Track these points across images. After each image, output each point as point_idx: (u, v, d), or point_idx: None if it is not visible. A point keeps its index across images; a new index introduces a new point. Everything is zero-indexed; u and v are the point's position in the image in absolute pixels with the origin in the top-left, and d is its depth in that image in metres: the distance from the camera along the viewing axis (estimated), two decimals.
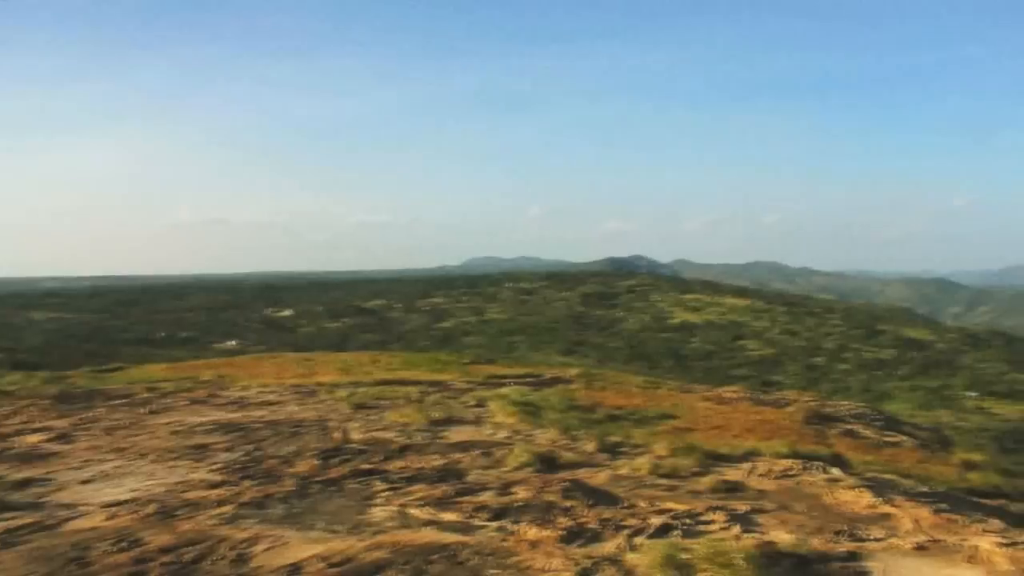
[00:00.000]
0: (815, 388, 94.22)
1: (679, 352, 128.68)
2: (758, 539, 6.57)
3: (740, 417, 17.56)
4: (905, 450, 16.97)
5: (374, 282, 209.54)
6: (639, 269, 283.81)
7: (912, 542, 6.84)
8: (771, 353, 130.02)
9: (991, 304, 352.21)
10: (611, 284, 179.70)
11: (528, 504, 7.71)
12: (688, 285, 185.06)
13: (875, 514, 8.24)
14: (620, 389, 21.96)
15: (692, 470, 9.93)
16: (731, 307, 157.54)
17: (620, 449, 11.58)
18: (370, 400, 16.79)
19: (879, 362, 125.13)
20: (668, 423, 16.23)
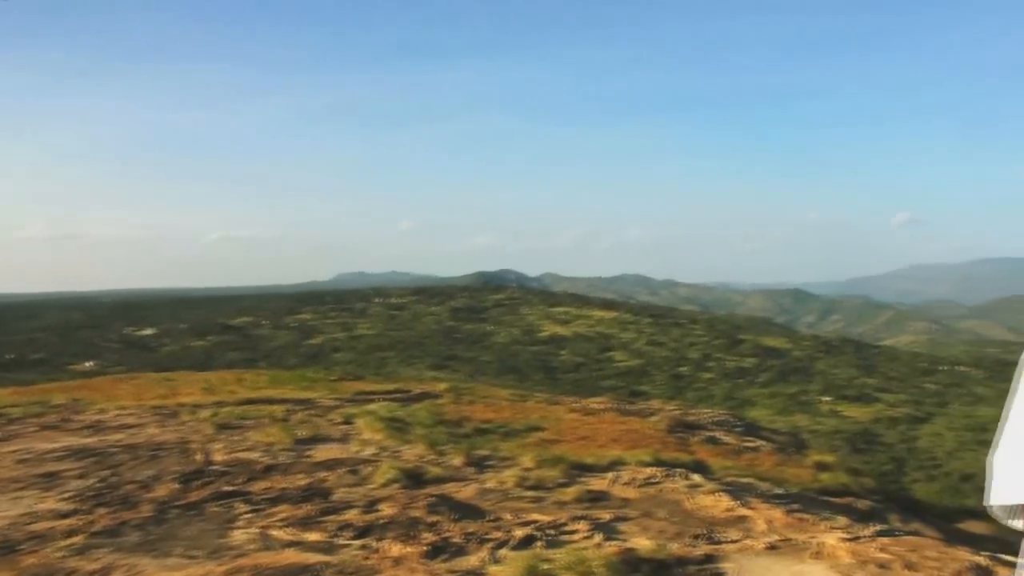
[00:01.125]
0: (681, 397, 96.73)
1: (549, 364, 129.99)
2: (619, 546, 6.71)
3: (606, 428, 17.86)
4: (763, 454, 17.56)
5: (240, 298, 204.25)
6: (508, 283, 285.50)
7: (765, 542, 7.11)
8: (638, 364, 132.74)
9: (841, 313, 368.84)
10: (481, 298, 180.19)
11: (393, 521, 7.67)
12: (557, 298, 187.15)
13: (732, 517, 8.52)
14: (488, 403, 22.02)
15: (558, 481, 10.06)
16: (599, 319, 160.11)
17: (487, 462, 11.63)
18: (234, 420, 16.36)
19: (741, 370, 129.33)
20: (535, 435, 16.36)
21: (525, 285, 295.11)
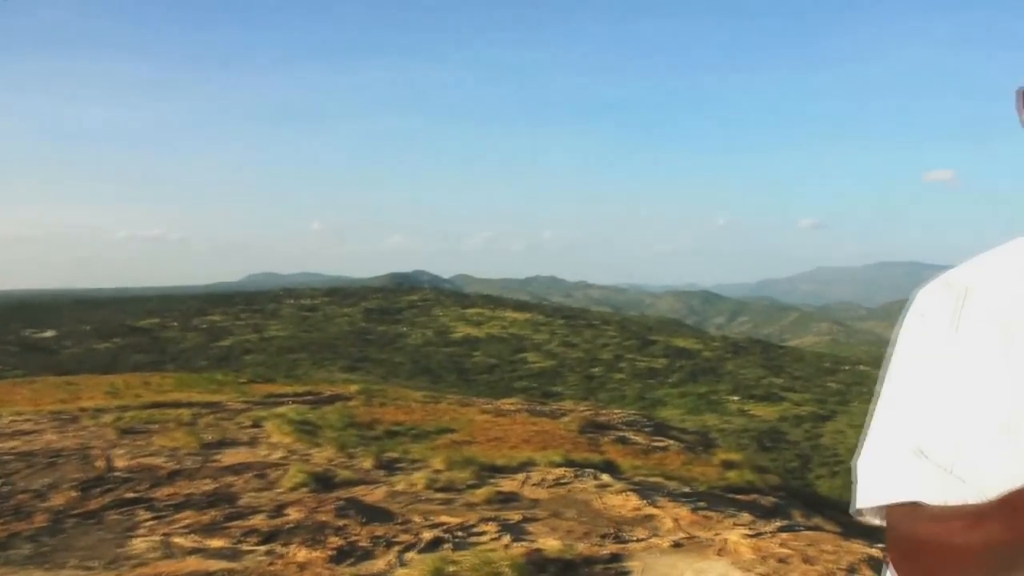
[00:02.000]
0: (594, 397, 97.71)
1: (462, 366, 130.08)
2: (527, 547, 6.75)
3: (518, 429, 17.92)
4: (672, 453, 17.83)
5: (147, 299, 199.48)
6: (422, 284, 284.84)
7: (671, 540, 7.23)
8: (551, 365, 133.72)
9: (749, 315, 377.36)
10: (394, 299, 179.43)
11: (300, 525, 7.57)
12: (470, 300, 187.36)
13: (640, 516, 8.64)
14: (400, 405, 21.90)
15: (468, 483, 10.05)
16: (512, 321, 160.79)
17: (398, 465, 11.57)
18: (139, 425, 15.93)
19: (652, 371, 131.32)
20: (447, 437, 16.34)
21: (438, 286, 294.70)
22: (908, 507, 1.13)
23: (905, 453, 1.14)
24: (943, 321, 1.17)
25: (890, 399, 1.20)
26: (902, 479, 1.14)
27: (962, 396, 1.10)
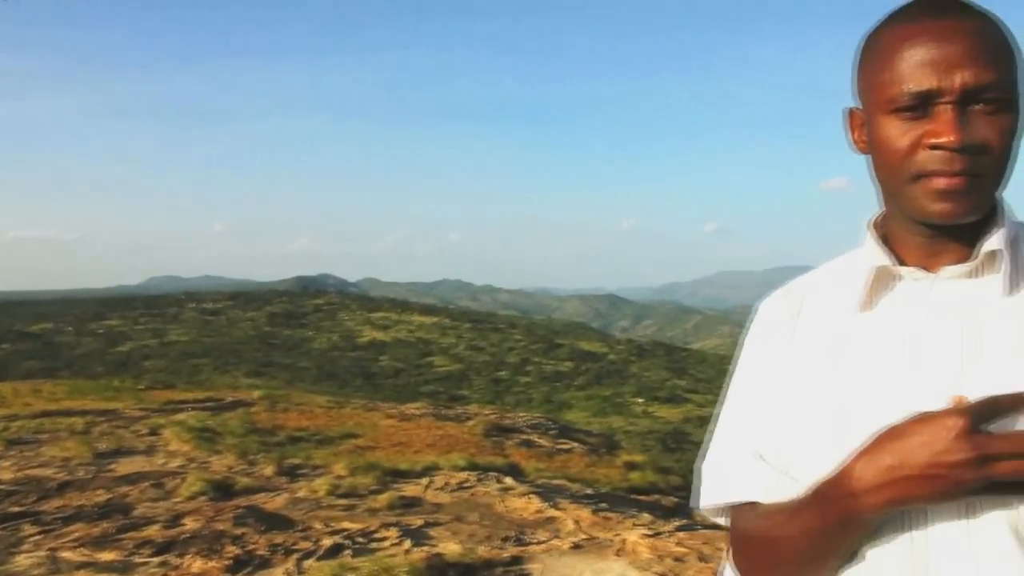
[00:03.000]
0: (500, 401, 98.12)
1: (368, 370, 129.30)
2: (427, 552, 6.73)
3: (422, 433, 17.91)
4: (576, 456, 18.03)
5: (39, 303, 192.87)
6: (328, 288, 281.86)
7: (571, 541, 7.30)
8: (458, 368, 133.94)
9: (653, 318, 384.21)
10: (299, 303, 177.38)
11: (196, 535, 7.41)
12: (377, 303, 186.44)
13: (542, 518, 8.71)
14: (303, 410, 21.66)
15: (371, 488, 10.00)
16: (419, 325, 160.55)
17: (300, 471, 11.44)
18: (27, 435, 15.39)
19: (558, 374, 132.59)
20: (350, 442, 16.23)
21: (344, 290, 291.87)
22: (746, 506, 1.21)
23: (745, 456, 1.21)
24: (781, 329, 1.25)
25: (732, 405, 1.28)
26: (740, 481, 1.21)
27: (797, 400, 1.17)
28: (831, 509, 1.06)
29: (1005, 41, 1.09)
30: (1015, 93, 1.09)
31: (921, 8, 1.10)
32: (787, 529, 1.13)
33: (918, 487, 0.99)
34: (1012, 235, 1.14)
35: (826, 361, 1.16)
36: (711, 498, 1.25)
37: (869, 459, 1.03)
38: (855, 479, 1.03)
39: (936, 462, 0.97)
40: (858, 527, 1.06)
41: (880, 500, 1.01)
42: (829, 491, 1.07)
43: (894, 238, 1.18)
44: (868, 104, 1.14)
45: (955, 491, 0.98)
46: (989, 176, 1.08)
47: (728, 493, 1.23)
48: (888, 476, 1.00)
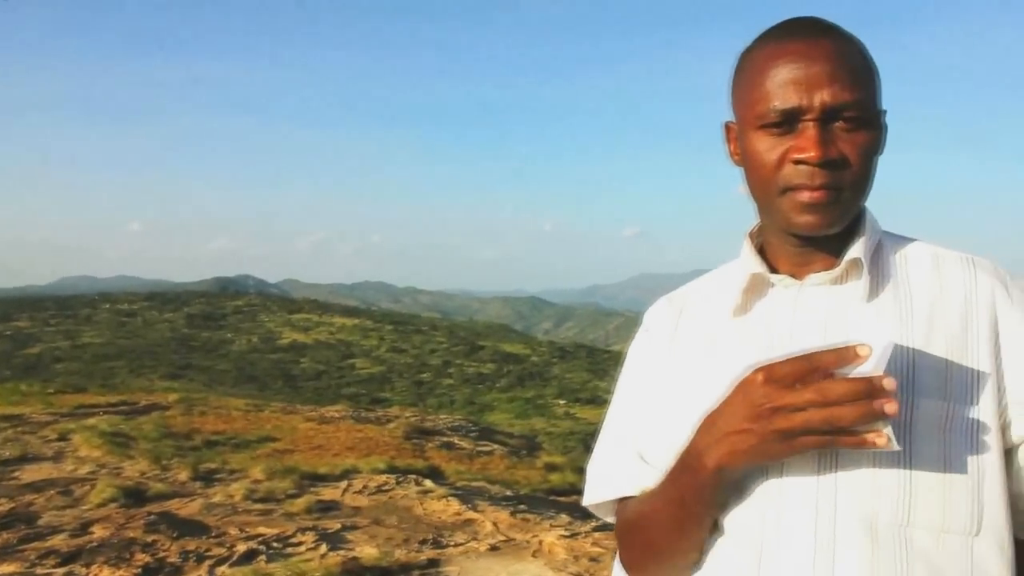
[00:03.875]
0: (423, 403, 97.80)
1: (289, 373, 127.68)
2: (344, 556, 6.70)
3: (342, 436, 17.76)
4: (496, 458, 18.07)
5: None
6: (247, 289, 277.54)
7: (488, 544, 7.33)
8: (380, 371, 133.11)
9: (575, 320, 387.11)
10: (218, 305, 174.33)
11: (105, 543, 7.23)
12: (297, 305, 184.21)
13: (460, 521, 8.72)
14: (221, 414, 21.29)
15: (288, 492, 9.89)
16: (340, 326, 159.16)
17: (216, 476, 11.25)
18: None
19: (480, 376, 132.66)
20: (268, 446, 16.02)
21: (265, 291, 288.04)
22: (626, 501, 1.31)
23: (626, 455, 1.31)
24: (663, 334, 1.35)
25: (616, 407, 1.37)
26: (620, 478, 1.30)
27: (674, 400, 1.26)
28: (682, 477, 1.15)
29: (866, 62, 1.18)
30: (874, 111, 1.17)
31: (788, 30, 1.19)
32: (653, 505, 1.22)
33: (738, 442, 1.06)
34: (875, 244, 1.24)
35: (701, 363, 1.25)
36: (593, 496, 1.34)
37: (706, 425, 1.11)
38: (695, 444, 1.12)
39: (744, 415, 1.05)
40: (705, 490, 1.13)
41: (713, 461, 1.09)
42: (680, 461, 1.16)
43: (769, 248, 1.27)
44: (740, 119, 1.22)
45: (764, 445, 1.04)
46: (850, 189, 1.16)
47: (608, 490, 1.32)
48: (716, 436, 1.08)
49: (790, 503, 1.13)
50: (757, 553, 1.14)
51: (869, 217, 1.25)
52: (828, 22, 1.19)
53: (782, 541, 1.13)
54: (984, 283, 1.19)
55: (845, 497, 1.11)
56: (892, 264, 1.23)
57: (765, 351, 1.19)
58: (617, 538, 1.34)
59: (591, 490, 1.35)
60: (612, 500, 1.32)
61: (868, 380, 0.98)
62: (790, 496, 1.13)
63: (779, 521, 1.13)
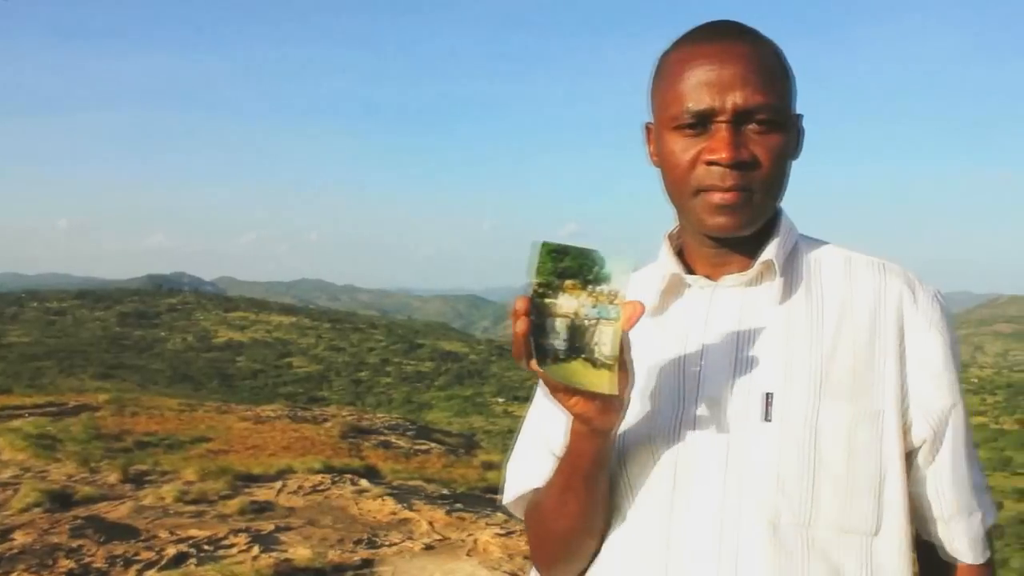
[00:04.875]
0: (361, 402, 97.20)
1: (225, 372, 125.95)
2: (276, 558, 6.63)
3: (277, 436, 17.58)
4: (434, 456, 18.04)
5: None
6: (182, 287, 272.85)
7: (423, 543, 7.32)
8: (318, 369, 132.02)
9: None
10: (152, 303, 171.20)
11: (27, 550, 7.04)
12: (234, 303, 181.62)
13: (396, 520, 8.69)
14: (153, 414, 20.91)
15: (221, 493, 9.75)
16: (277, 324, 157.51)
17: (147, 478, 11.04)
18: None
19: (419, 374, 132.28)
20: (202, 446, 15.80)
21: (200, 289, 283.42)
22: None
23: (543, 452, 1.32)
24: None
25: (535, 405, 1.38)
26: (535, 474, 1.31)
27: None
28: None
29: (780, 66, 1.20)
30: (788, 115, 1.20)
31: (705, 32, 1.21)
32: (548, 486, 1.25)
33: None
34: (790, 246, 1.26)
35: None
36: (510, 493, 1.36)
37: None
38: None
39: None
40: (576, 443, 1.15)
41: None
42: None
43: (687, 249, 1.29)
44: (656, 121, 1.24)
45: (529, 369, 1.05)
46: (761, 191, 1.18)
47: (523, 485, 1.34)
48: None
49: (696, 503, 1.16)
50: (664, 548, 1.17)
51: (785, 219, 1.27)
52: (744, 26, 1.21)
53: (688, 541, 1.15)
54: (893, 288, 1.22)
55: (750, 497, 1.14)
56: (805, 267, 1.25)
57: (679, 352, 1.23)
58: (526, 534, 1.36)
59: (507, 489, 1.36)
60: (525, 496, 1.33)
61: (520, 299, 1.00)
62: (696, 496, 1.16)
63: (685, 521, 1.16)
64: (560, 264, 1.02)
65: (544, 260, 1.01)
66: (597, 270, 1.01)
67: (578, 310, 1.02)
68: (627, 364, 1.08)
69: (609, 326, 1.02)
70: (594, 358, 1.02)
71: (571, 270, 1.02)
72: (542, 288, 1.02)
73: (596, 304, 1.02)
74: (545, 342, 1.02)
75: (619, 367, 1.05)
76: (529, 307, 1.00)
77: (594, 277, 1.02)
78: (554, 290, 1.02)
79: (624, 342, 1.05)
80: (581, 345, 1.02)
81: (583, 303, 1.02)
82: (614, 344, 1.02)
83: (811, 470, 1.13)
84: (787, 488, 1.13)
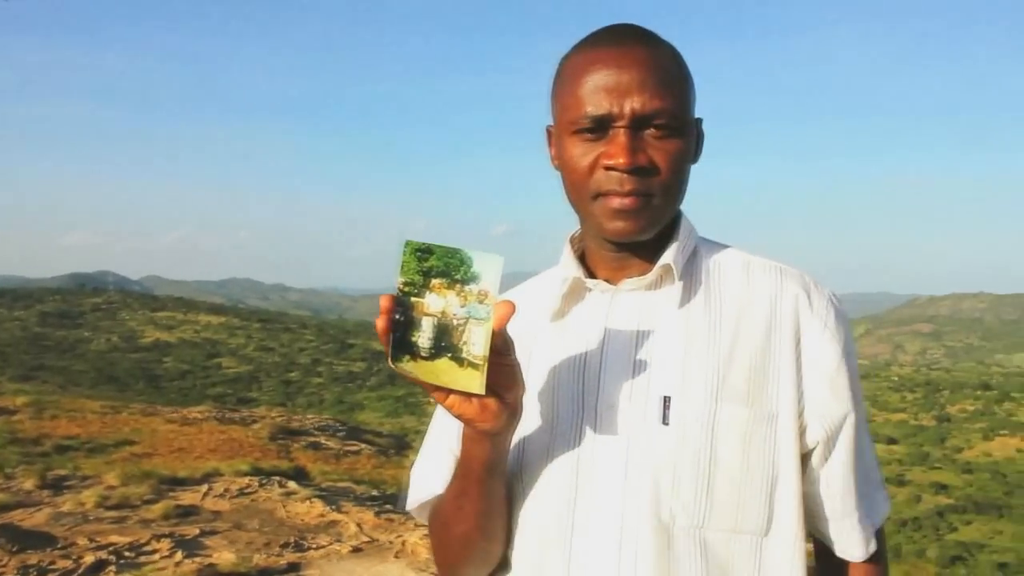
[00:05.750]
0: (291, 403, 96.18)
1: (152, 373, 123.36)
2: (200, 563, 6.51)
3: (205, 438, 17.30)
4: (364, 457, 17.93)
5: None
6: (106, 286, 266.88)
7: (351, 545, 7.26)
8: (247, 370, 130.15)
9: None
10: (75, 302, 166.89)
11: None
12: (161, 302, 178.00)
13: (324, 522, 8.61)
14: (75, 417, 20.40)
15: (145, 498, 9.55)
16: (206, 324, 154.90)
17: (67, 483, 10.76)
18: None
19: (351, 374, 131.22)
20: (125, 450, 15.46)
21: (125, 288, 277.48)
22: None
23: (446, 458, 1.33)
24: None
25: (439, 412, 1.38)
26: (437, 479, 1.32)
27: None
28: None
29: (679, 70, 1.20)
30: (687, 119, 1.19)
31: (604, 36, 1.20)
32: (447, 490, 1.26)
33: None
34: (690, 250, 1.27)
35: (523, 363, 1.23)
36: (411, 501, 1.36)
37: None
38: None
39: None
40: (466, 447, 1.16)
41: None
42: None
43: (588, 253, 1.30)
44: (557, 124, 1.24)
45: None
46: (660, 196, 1.18)
47: (423, 492, 1.34)
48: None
49: (598, 507, 1.17)
50: (567, 551, 1.18)
51: (685, 223, 1.28)
52: (644, 29, 1.21)
53: (591, 544, 1.16)
54: (789, 291, 1.23)
55: (648, 501, 1.15)
56: (705, 271, 1.26)
57: (579, 356, 1.23)
58: (429, 539, 1.36)
59: (410, 495, 1.36)
60: (430, 502, 1.33)
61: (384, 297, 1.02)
62: (598, 500, 1.17)
63: (588, 526, 1.17)
64: (425, 263, 1.03)
65: (409, 259, 1.03)
66: (465, 269, 1.02)
67: (445, 309, 1.02)
68: (513, 367, 1.08)
69: (479, 325, 1.01)
70: (461, 357, 1.02)
71: (437, 269, 1.02)
72: (408, 287, 1.03)
73: (465, 303, 1.02)
74: (411, 340, 1.03)
75: (510, 369, 1.07)
76: (393, 306, 1.02)
77: (462, 276, 1.02)
78: (420, 289, 1.02)
79: (504, 343, 1.05)
80: (448, 344, 1.03)
81: (451, 302, 1.02)
82: (484, 344, 1.01)
83: (707, 473, 1.15)
84: (682, 491, 1.15)
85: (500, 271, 1.02)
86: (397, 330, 1.02)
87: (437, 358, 1.03)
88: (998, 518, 72.51)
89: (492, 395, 1.07)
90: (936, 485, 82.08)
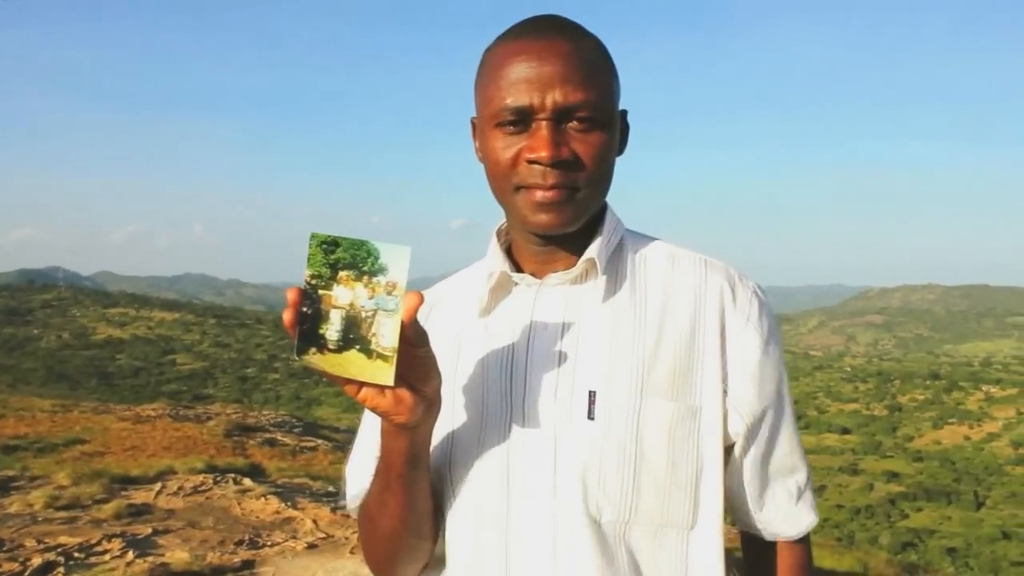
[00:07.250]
0: (248, 399, 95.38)
1: (105, 370, 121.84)
2: (152, 563, 6.43)
3: (158, 436, 17.13)
4: (320, 453, 17.85)
5: None
6: (57, 282, 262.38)
7: (307, 542, 7.21)
8: (203, 366, 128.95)
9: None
10: (24, 298, 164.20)
11: None
12: (113, 299, 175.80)
13: (279, 519, 8.54)
14: (23, 416, 20.11)
15: (96, 497, 9.41)
16: (160, 321, 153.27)
17: (14, 483, 10.57)
18: None
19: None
20: (76, 449, 15.25)
21: (77, 284, 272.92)
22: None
23: (374, 451, 1.28)
24: None
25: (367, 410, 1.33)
26: (366, 477, 1.28)
27: None
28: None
29: (603, 62, 1.19)
30: (611, 112, 1.18)
31: (526, 28, 1.19)
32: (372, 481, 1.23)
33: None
34: (615, 243, 1.26)
35: (446, 362, 1.23)
36: (349, 499, 1.34)
37: None
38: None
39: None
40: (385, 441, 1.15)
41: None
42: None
43: (515, 246, 1.29)
44: (480, 116, 1.23)
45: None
46: (584, 189, 1.17)
47: (359, 489, 1.32)
48: None
49: (529, 503, 1.17)
50: (503, 547, 1.18)
51: (610, 216, 1.27)
52: (568, 21, 1.19)
53: (526, 541, 1.16)
54: (714, 284, 1.23)
55: (577, 496, 1.15)
56: (630, 264, 1.26)
57: (506, 351, 1.22)
58: (359, 535, 1.34)
59: (348, 492, 1.35)
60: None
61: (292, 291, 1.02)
62: (528, 496, 1.17)
63: (522, 525, 1.17)
64: (332, 256, 1.02)
65: (315, 252, 1.02)
66: (372, 261, 1.01)
67: (353, 301, 1.01)
68: (427, 359, 1.07)
69: (388, 317, 1.01)
70: (369, 349, 1.02)
71: (344, 261, 1.02)
72: (315, 280, 1.02)
73: (373, 295, 1.01)
74: (319, 333, 1.02)
75: (424, 361, 1.06)
76: (301, 299, 1.01)
77: (370, 268, 1.01)
78: (327, 282, 1.02)
79: (416, 334, 1.04)
80: (357, 336, 1.02)
81: (359, 294, 1.01)
82: (393, 335, 1.01)
83: (633, 467, 1.15)
84: (608, 486, 1.14)
85: (408, 262, 1.02)
86: (305, 323, 1.01)
87: (345, 350, 1.02)
88: (947, 504, 74.07)
89: (407, 387, 1.06)
90: (888, 473, 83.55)
